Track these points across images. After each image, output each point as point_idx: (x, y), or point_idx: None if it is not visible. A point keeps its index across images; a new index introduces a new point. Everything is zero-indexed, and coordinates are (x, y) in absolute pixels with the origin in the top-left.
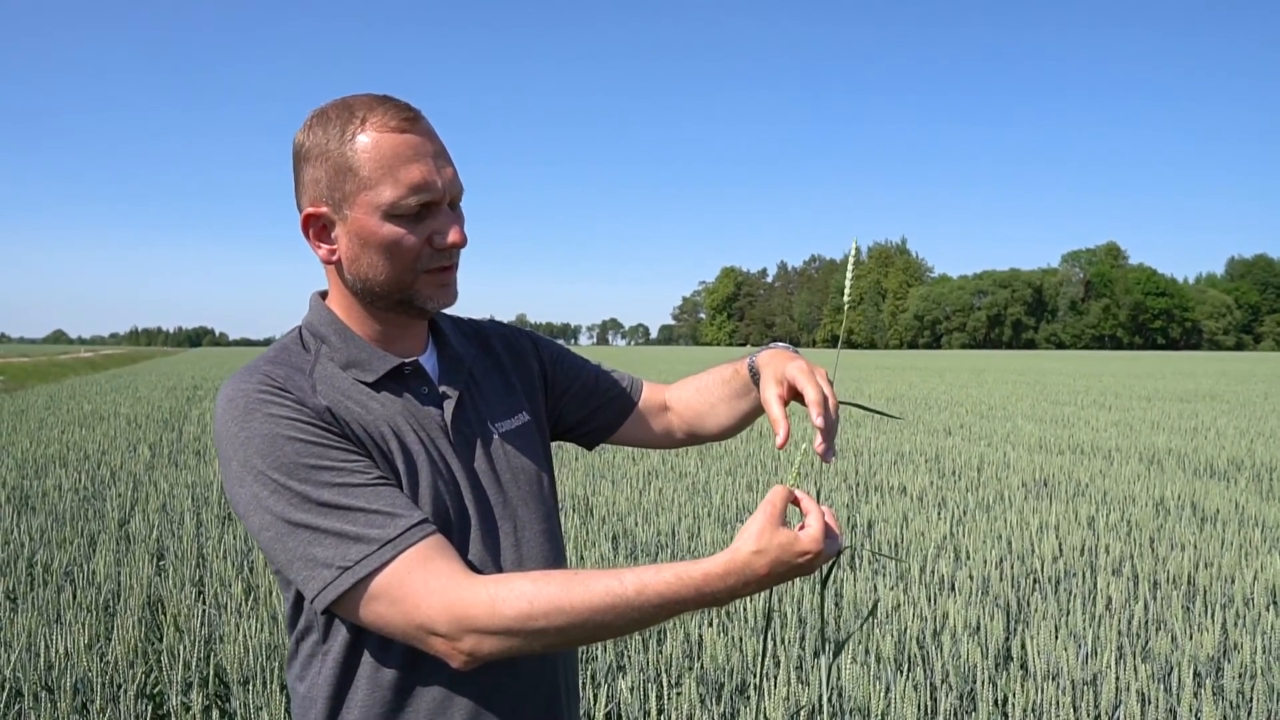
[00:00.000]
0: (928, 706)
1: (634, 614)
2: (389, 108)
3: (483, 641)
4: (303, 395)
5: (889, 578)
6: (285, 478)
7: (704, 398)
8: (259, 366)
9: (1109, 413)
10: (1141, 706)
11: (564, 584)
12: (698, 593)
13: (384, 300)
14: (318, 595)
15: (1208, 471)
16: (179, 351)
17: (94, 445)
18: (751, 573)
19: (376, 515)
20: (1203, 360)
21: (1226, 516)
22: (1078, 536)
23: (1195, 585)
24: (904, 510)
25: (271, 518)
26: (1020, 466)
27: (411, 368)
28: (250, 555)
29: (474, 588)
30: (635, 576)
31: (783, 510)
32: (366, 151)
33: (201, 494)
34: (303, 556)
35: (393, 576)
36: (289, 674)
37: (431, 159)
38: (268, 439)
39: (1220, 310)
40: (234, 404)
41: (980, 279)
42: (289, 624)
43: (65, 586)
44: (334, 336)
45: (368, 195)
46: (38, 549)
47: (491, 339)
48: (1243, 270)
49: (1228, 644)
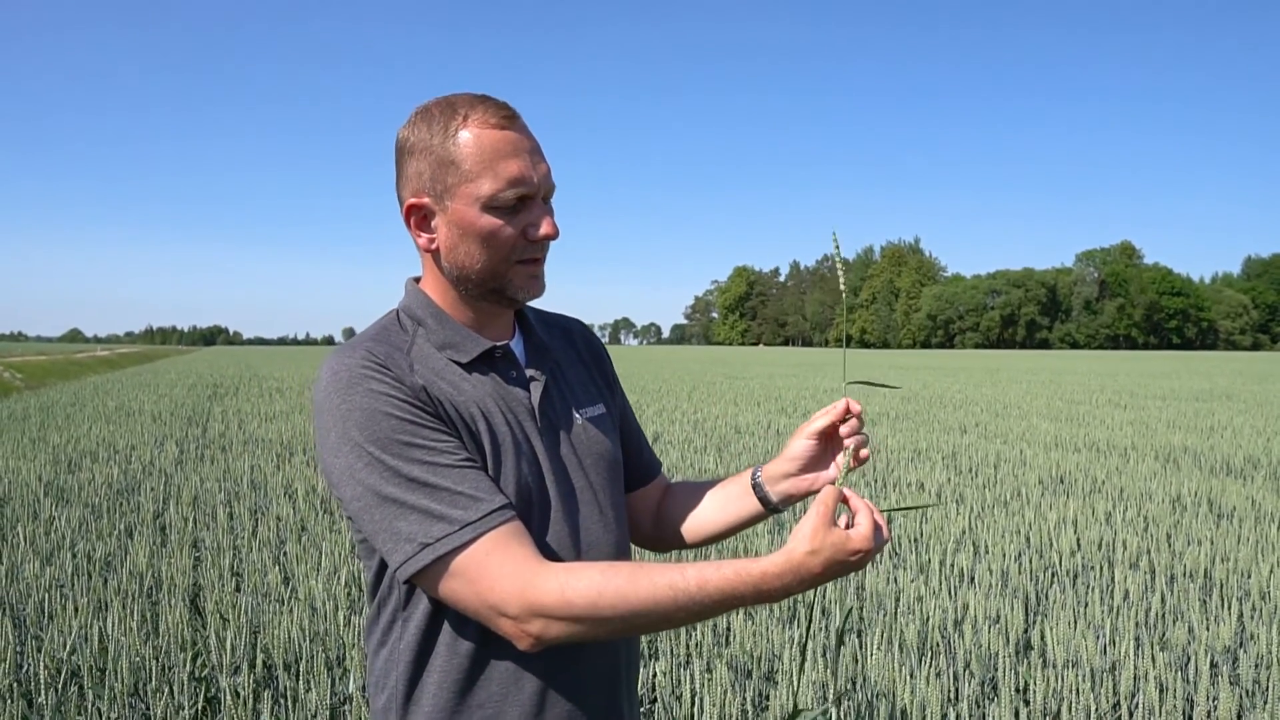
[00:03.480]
0: (951, 693)
1: (694, 607)
2: (489, 106)
3: (550, 626)
4: (401, 374)
5: (910, 570)
6: (380, 451)
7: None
8: (361, 344)
9: (1124, 411)
10: (1160, 694)
11: (630, 576)
12: (755, 590)
13: (478, 288)
14: (400, 567)
15: (1224, 469)
16: (194, 350)
17: (123, 441)
18: (807, 571)
19: (461, 496)
20: (1219, 360)
21: (1243, 513)
22: (1095, 532)
23: (1211, 579)
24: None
25: (363, 489)
26: (1037, 464)
27: (502, 351)
28: (284, 546)
29: (546, 575)
30: (697, 572)
31: (834, 510)
32: (468, 146)
33: (232, 488)
34: (388, 529)
35: (470, 557)
36: (368, 641)
37: (528, 155)
38: (367, 413)
39: (1236, 310)
40: (338, 377)
41: (994, 278)
42: (370, 591)
43: (109, 576)
44: (430, 320)
45: (468, 187)
46: (78, 540)
47: (574, 334)
48: (1260, 270)
49: (1244, 635)
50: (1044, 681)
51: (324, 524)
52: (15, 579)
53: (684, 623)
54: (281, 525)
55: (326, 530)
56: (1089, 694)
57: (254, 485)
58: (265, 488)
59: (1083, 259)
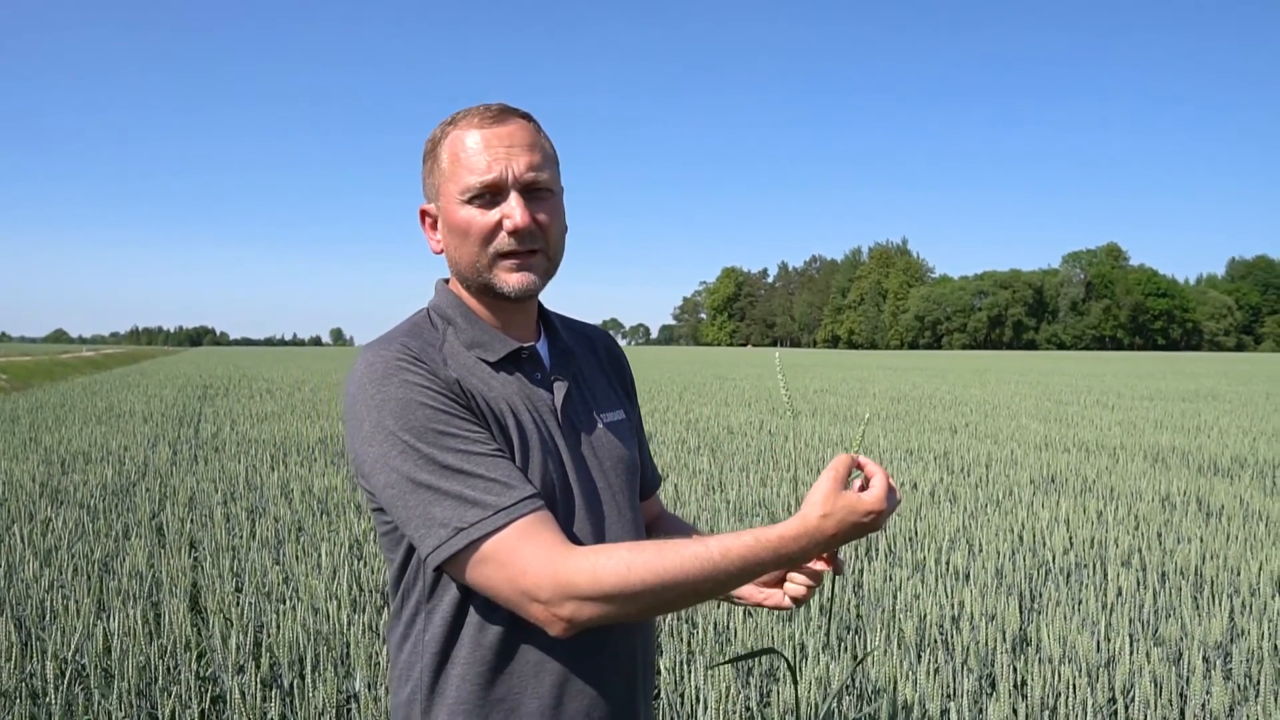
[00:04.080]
0: (950, 687)
1: (720, 575)
2: (480, 109)
3: (582, 608)
4: (436, 367)
5: (906, 568)
6: (414, 439)
7: (685, 532)
8: (396, 338)
9: (1112, 412)
10: (1155, 688)
11: (657, 551)
12: (774, 554)
13: (472, 284)
14: (432, 552)
15: (1212, 468)
16: (180, 351)
17: (115, 442)
18: (821, 534)
19: (494, 483)
20: (1204, 361)
21: (1231, 511)
22: (1087, 530)
23: (1202, 576)
24: (916, 505)
25: (397, 476)
26: (1028, 463)
27: (528, 352)
28: (282, 547)
29: (576, 557)
30: (718, 541)
31: (845, 475)
32: (449, 147)
33: (228, 489)
34: (422, 515)
35: (502, 543)
36: (390, 635)
37: (503, 149)
38: (402, 403)
39: (1221, 311)
40: (373, 369)
41: (981, 279)
42: (393, 585)
43: (107, 577)
44: (460, 319)
45: (449, 185)
46: (75, 541)
47: (597, 343)
48: (1244, 271)
49: (1235, 630)
50: (1041, 677)
51: (322, 525)
52: (14, 580)
53: (710, 594)
54: (280, 526)
55: (325, 530)
56: (1085, 689)
57: (250, 486)
58: (261, 489)
59: (1069, 260)
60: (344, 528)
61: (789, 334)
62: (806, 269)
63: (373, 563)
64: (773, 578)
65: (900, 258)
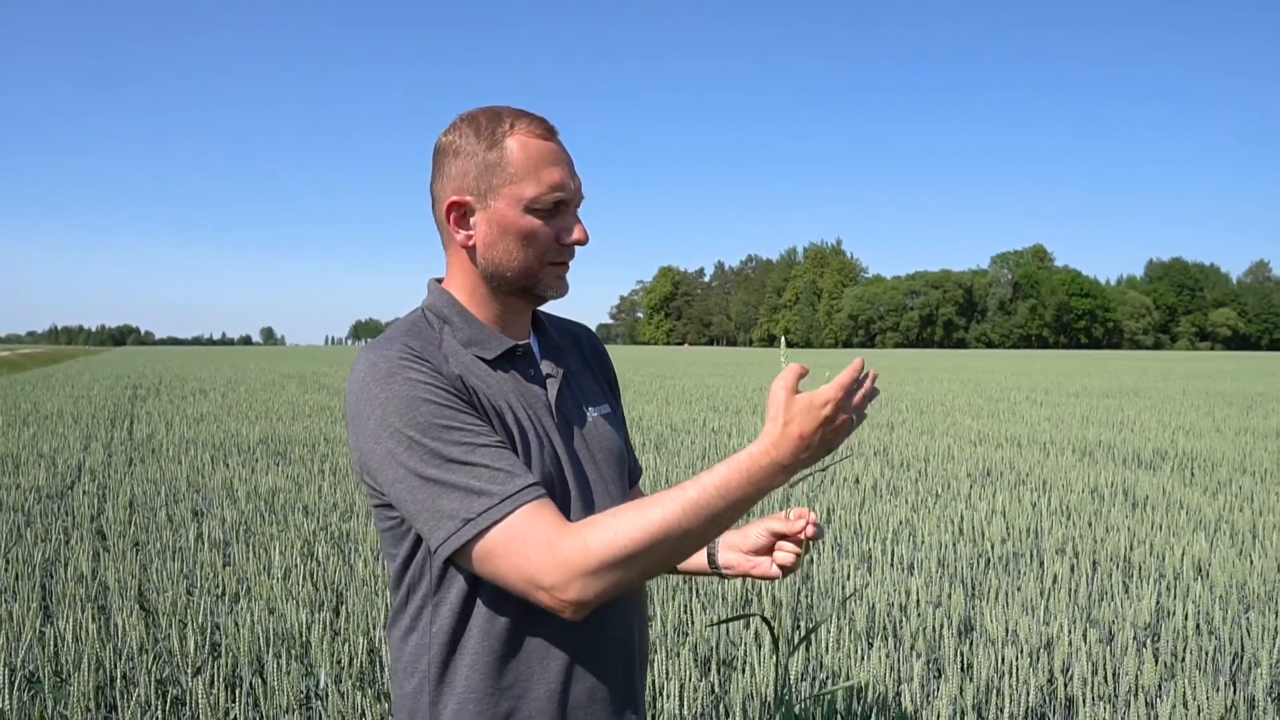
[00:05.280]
0: (900, 672)
1: (706, 510)
2: (533, 119)
3: (588, 584)
4: (438, 365)
5: (852, 559)
6: (420, 435)
7: None
8: (397, 338)
9: (1041, 408)
10: (1090, 666)
11: (637, 509)
12: (747, 477)
13: (510, 285)
14: (442, 544)
15: (1135, 461)
16: (103, 350)
17: (47, 444)
18: (788, 441)
19: (499, 473)
20: (1124, 359)
21: (1155, 501)
22: (1023, 521)
23: (1131, 562)
24: (860, 499)
25: (405, 471)
26: (964, 458)
27: (523, 350)
28: (230, 548)
29: (569, 535)
30: (693, 482)
31: (794, 383)
32: (515, 152)
33: (170, 491)
34: (431, 507)
35: (508, 530)
36: (393, 630)
37: (567, 166)
38: (406, 400)
39: (1140, 311)
40: (376, 368)
41: (913, 279)
42: (395, 581)
43: (49, 582)
44: (456, 318)
45: (513, 189)
46: (11, 546)
47: (582, 340)
48: (1160, 272)
49: (1162, 611)
50: (986, 659)
51: (270, 525)
52: None
53: (704, 534)
54: (226, 527)
55: (275, 531)
56: (1027, 669)
57: (193, 487)
58: (204, 490)
59: (997, 261)
60: (292, 528)
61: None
62: (743, 269)
63: (326, 564)
64: (760, 546)
65: (835, 258)
